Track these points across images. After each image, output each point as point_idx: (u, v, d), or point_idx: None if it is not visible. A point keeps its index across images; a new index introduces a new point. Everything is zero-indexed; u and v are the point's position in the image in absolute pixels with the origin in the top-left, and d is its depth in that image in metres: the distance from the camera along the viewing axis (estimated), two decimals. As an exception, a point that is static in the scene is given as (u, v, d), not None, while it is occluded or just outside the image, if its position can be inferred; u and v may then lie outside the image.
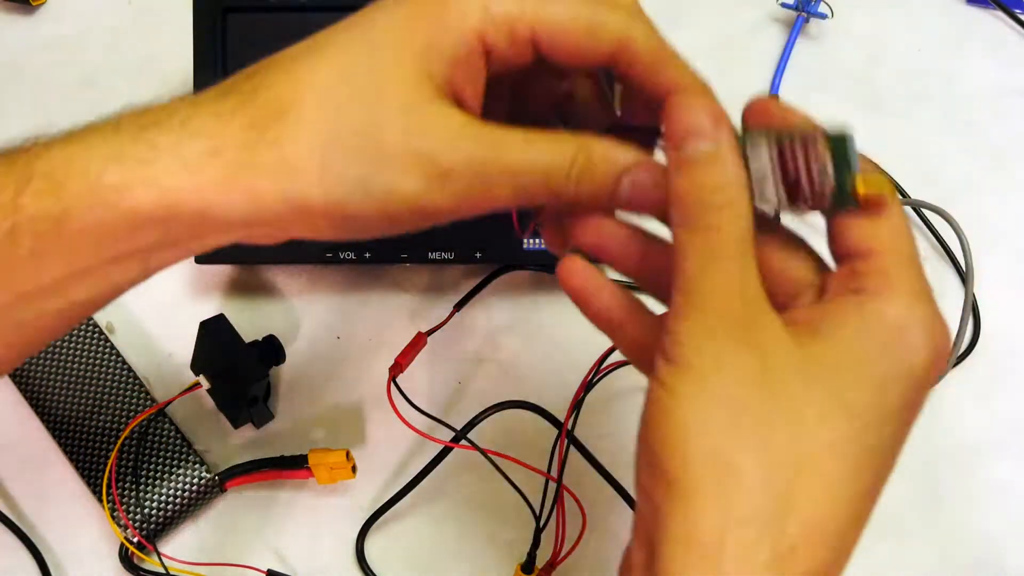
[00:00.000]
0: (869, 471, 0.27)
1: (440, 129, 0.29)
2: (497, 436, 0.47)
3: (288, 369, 0.52)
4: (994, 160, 0.59)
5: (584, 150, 0.31)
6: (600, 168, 0.31)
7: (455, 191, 0.29)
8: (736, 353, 0.27)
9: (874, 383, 0.27)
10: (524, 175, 0.30)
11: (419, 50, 0.29)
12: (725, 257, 0.28)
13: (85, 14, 0.64)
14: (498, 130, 0.30)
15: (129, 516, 0.47)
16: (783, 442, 0.26)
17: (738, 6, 0.64)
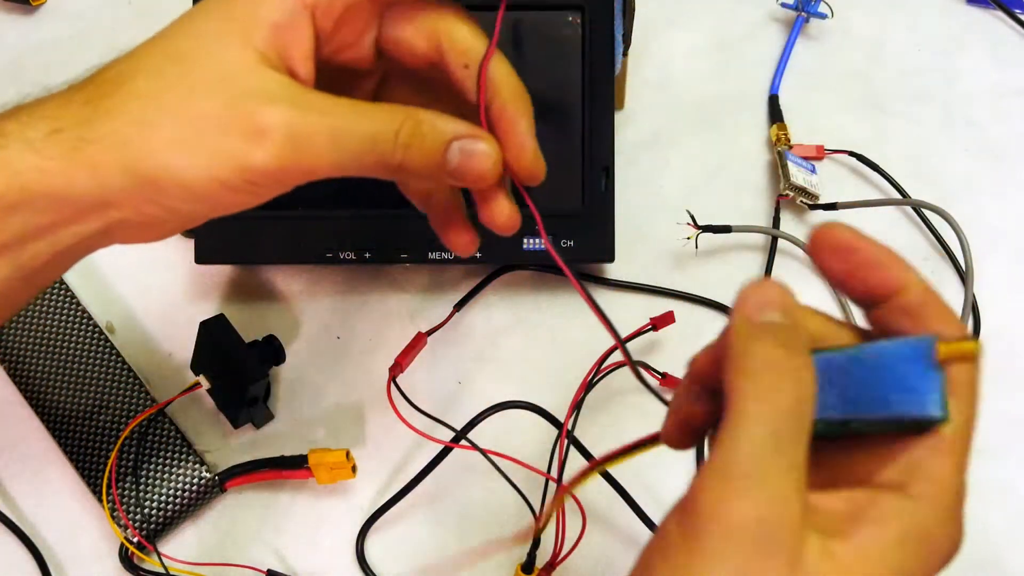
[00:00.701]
0: None
1: (258, 91, 0.30)
2: (497, 436, 0.47)
3: (288, 369, 0.52)
4: (994, 160, 0.59)
5: (412, 117, 0.31)
6: (429, 136, 0.31)
7: (275, 151, 0.30)
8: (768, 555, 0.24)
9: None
10: (348, 139, 0.31)
11: (240, 21, 0.31)
12: (790, 444, 0.25)
13: (85, 14, 0.64)
14: (326, 97, 0.31)
15: (129, 516, 0.47)
16: None
17: (738, 6, 0.64)
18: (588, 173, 0.50)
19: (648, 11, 0.60)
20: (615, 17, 0.51)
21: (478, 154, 0.32)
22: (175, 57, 0.31)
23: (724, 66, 0.62)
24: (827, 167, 0.58)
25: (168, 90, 0.30)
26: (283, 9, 0.31)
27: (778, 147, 0.58)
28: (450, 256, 0.50)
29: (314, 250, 0.50)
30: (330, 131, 0.30)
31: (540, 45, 0.50)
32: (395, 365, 0.48)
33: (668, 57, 0.62)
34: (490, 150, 0.33)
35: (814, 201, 0.56)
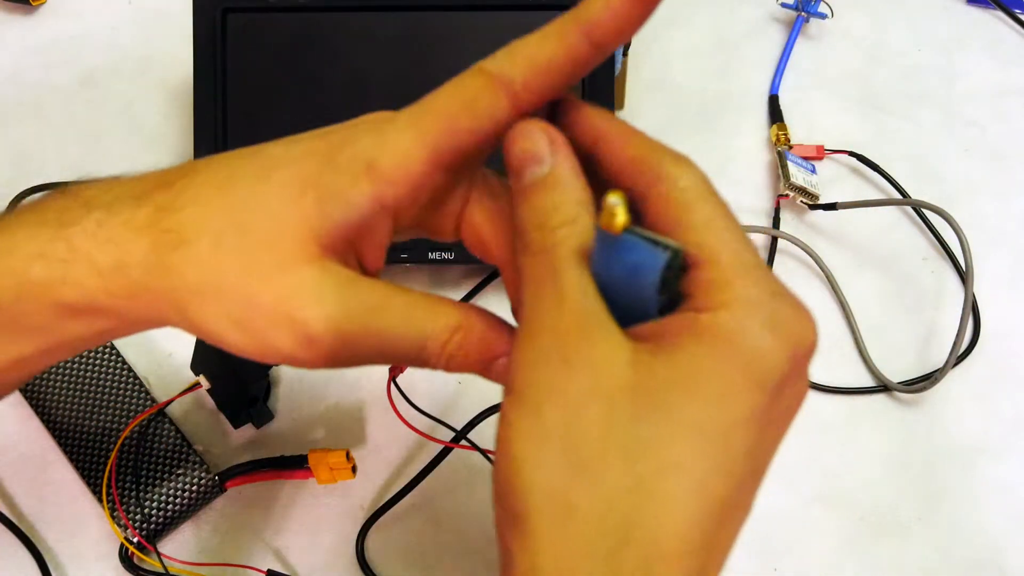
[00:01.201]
0: (722, 483, 0.26)
1: (312, 298, 0.29)
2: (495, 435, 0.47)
3: (288, 369, 0.52)
4: (994, 160, 0.59)
5: (464, 327, 0.31)
6: (476, 349, 0.31)
7: (323, 354, 0.30)
8: (568, 378, 0.26)
9: (713, 396, 0.26)
10: (396, 344, 0.30)
11: (307, 211, 0.30)
12: (558, 275, 0.27)
13: (85, 14, 0.64)
14: (379, 294, 0.30)
15: (129, 516, 0.47)
16: (618, 469, 0.25)
17: (738, 6, 0.64)
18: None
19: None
20: (615, 17, 0.51)
21: None
22: (241, 230, 0.30)
23: (724, 66, 0.62)
24: (827, 167, 0.58)
25: (226, 266, 0.30)
26: (353, 211, 0.30)
27: (778, 147, 0.58)
28: (450, 256, 0.50)
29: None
30: (379, 337, 0.30)
31: (540, 45, 0.50)
32: (395, 365, 0.48)
33: (668, 57, 0.62)
34: None
35: (814, 201, 0.56)
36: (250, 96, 0.51)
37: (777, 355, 0.26)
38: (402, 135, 0.30)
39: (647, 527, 0.25)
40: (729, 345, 0.26)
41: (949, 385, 0.51)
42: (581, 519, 0.25)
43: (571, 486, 0.25)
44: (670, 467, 0.25)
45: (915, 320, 0.54)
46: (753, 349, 0.26)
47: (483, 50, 0.52)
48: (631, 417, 0.26)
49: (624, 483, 0.25)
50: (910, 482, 0.49)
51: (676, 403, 0.26)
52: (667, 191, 0.28)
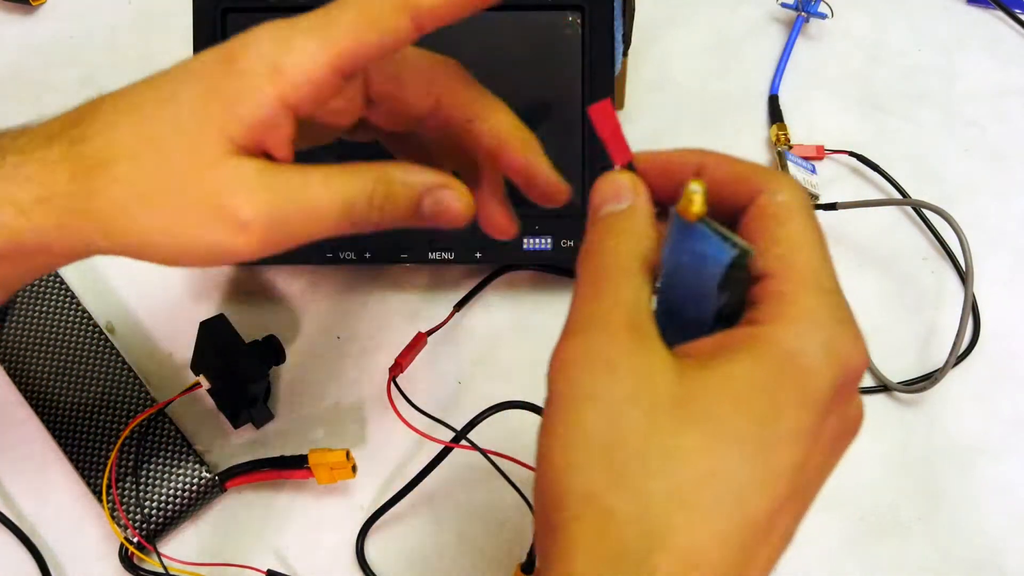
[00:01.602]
0: (763, 498, 0.25)
1: (237, 185, 0.32)
2: (497, 436, 0.47)
3: (288, 369, 0.52)
4: (994, 160, 0.59)
5: (383, 179, 0.33)
6: (401, 193, 0.34)
7: (257, 238, 0.32)
8: (612, 383, 0.26)
9: (760, 409, 0.26)
10: (325, 214, 0.33)
11: (217, 116, 0.32)
12: (614, 278, 0.28)
13: (85, 14, 0.64)
14: (297, 173, 0.33)
15: (129, 516, 0.47)
16: (657, 476, 0.25)
17: (738, 6, 0.64)
18: (588, 173, 0.50)
19: (648, 11, 0.60)
20: (615, 17, 0.51)
21: (448, 201, 0.34)
22: (155, 144, 0.32)
23: (724, 66, 0.62)
24: (827, 167, 0.59)
25: (148, 179, 0.32)
26: (261, 110, 0.32)
27: (778, 147, 0.58)
28: (450, 256, 0.50)
29: (314, 250, 0.50)
30: (306, 211, 0.32)
31: (540, 45, 0.50)
32: (395, 365, 0.48)
33: (668, 57, 0.62)
34: (459, 194, 0.34)
35: (814, 201, 0.56)
36: (250, 96, 0.51)
37: (829, 376, 0.26)
38: (308, 42, 0.32)
39: (683, 535, 0.25)
40: (784, 359, 0.26)
41: (949, 385, 0.51)
42: (617, 524, 0.25)
43: (609, 491, 0.25)
44: (709, 477, 0.25)
45: (915, 320, 0.54)
46: (808, 367, 0.26)
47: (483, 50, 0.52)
48: (674, 424, 0.26)
49: (662, 490, 0.25)
50: (910, 482, 0.49)
51: (721, 413, 0.26)
52: (765, 203, 0.28)
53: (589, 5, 0.50)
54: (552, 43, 0.50)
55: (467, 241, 0.50)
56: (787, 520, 0.26)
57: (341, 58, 0.32)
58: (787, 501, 0.26)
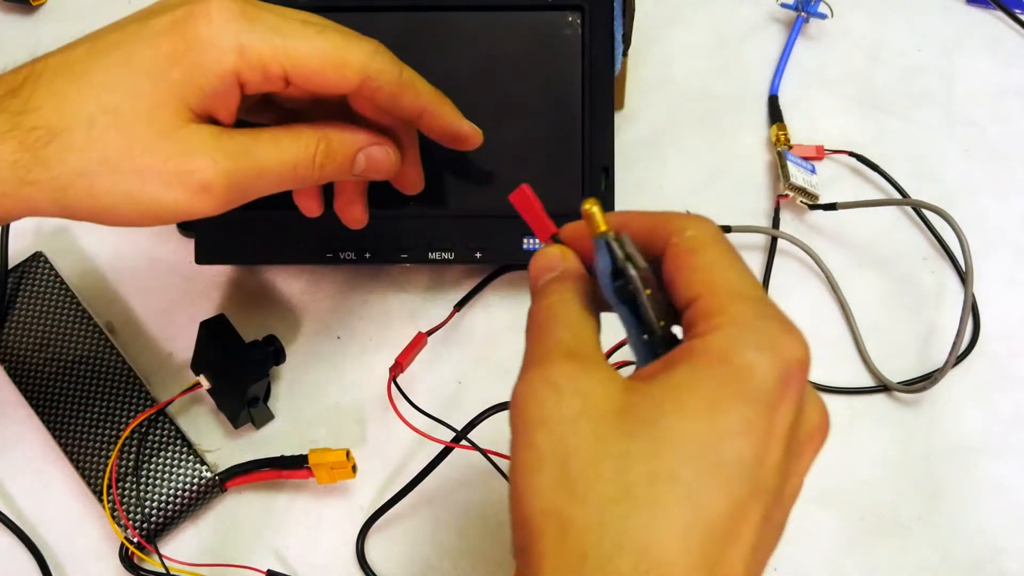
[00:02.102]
0: (717, 495, 0.26)
1: (197, 150, 0.34)
2: (497, 436, 0.47)
3: (288, 369, 0.52)
4: (994, 160, 0.59)
5: (324, 139, 0.37)
6: (339, 152, 0.37)
7: (216, 197, 0.35)
8: (557, 404, 0.28)
9: (702, 408, 0.26)
10: (274, 172, 0.36)
11: (176, 88, 0.34)
12: (551, 324, 0.30)
13: (85, 14, 0.64)
14: (248, 137, 0.35)
15: (129, 516, 0.47)
16: (607, 481, 0.26)
17: (738, 6, 0.64)
18: (588, 173, 0.50)
19: (648, 11, 0.60)
20: (615, 17, 0.51)
21: (378, 156, 0.39)
22: (111, 111, 0.34)
23: (724, 66, 0.62)
24: (827, 167, 0.58)
25: (108, 144, 0.33)
26: (221, 82, 0.34)
27: (778, 147, 0.58)
28: (450, 256, 0.50)
29: (314, 250, 0.50)
30: (259, 171, 0.35)
31: (540, 45, 0.50)
32: (395, 365, 0.48)
33: (668, 57, 0.62)
34: (388, 149, 0.39)
35: (814, 201, 0.56)
36: (250, 96, 0.51)
37: (765, 369, 0.27)
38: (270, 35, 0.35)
39: (638, 535, 0.25)
40: (718, 362, 0.27)
41: (949, 385, 0.51)
42: (576, 533, 0.26)
43: (565, 503, 0.26)
44: (659, 477, 0.26)
45: (915, 320, 0.54)
46: (741, 364, 0.27)
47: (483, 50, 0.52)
48: (621, 433, 0.27)
49: (613, 493, 0.26)
50: (910, 482, 0.49)
51: (666, 417, 0.27)
52: (677, 241, 0.30)
53: (589, 5, 0.50)
54: (552, 43, 0.50)
55: (467, 241, 0.50)
56: (754, 519, 0.26)
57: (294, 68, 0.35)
58: (749, 499, 0.26)
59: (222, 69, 0.34)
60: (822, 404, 0.30)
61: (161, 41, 0.34)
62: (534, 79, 0.51)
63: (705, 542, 0.25)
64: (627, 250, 0.29)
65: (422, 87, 0.39)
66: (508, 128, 0.50)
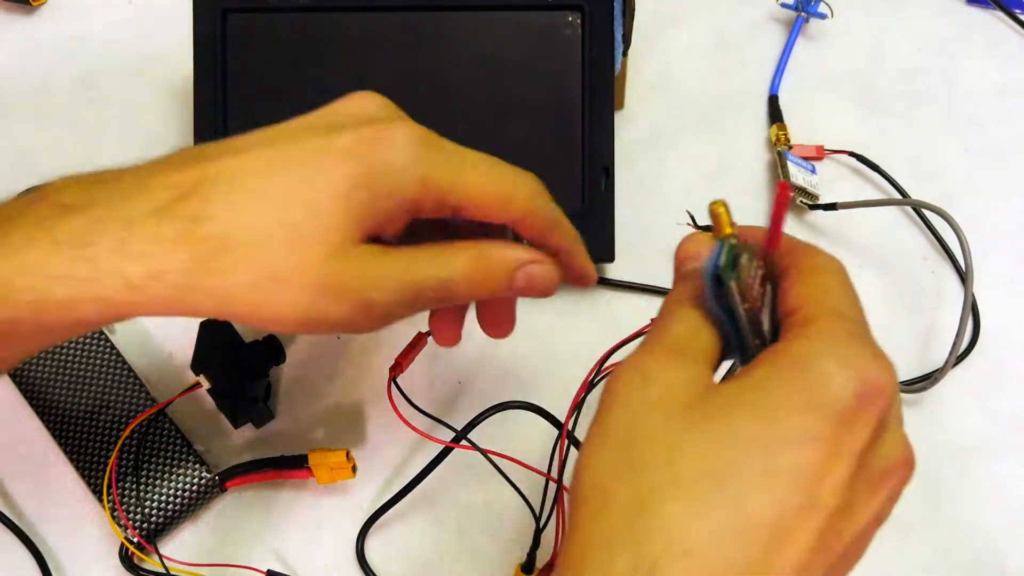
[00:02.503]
0: (764, 500, 0.26)
1: (366, 271, 0.34)
2: (497, 436, 0.47)
3: (288, 369, 0.52)
4: (994, 160, 0.59)
5: (482, 256, 0.36)
6: (498, 269, 0.36)
7: (377, 316, 0.35)
8: (642, 391, 0.29)
9: (767, 410, 0.27)
10: (433, 289, 0.35)
11: (355, 208, 0.34)
12: (670, 314, 0.31)
13: (85, 14, 0.64)
14: (408, 256, 0.35)
15: (129, 516, 0.47)
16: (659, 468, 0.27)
17: (738, 6, 0.64)
18: (588, 173, 0.50)
19: (648, 11, 0.60)
20: (615, 17, 0.51)
21: (539, 274, 0.37)
22: (289, 229, 0.33)
23: (724, 66, 0.62)
24: (827, 167, 0.59)
25: (280, 260, 0.33)
26: (397, 208, 0.34)
27: (778, 147, 0.58)
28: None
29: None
30: (419, 291, 0.35)
31: (540, 45, 0.51)
32: (395, 365, 0.48)
33: (668, 57, 0.62)
34: (548, 268, 0.38)
35: (814, 201, 0.56)
36: (250, 96, 0.51)
37: (843, 384, 0.27)
38: (448, 172, 0.35)
39: (673, 522, 0.26)
40: (796, 367, 0.27)
41: (949, 385, 0.51)
42: (614, 509, 0.27)
43: (613, 480, 0.27)
44: (708, 471, 0.26)
45: (915, 320, 0.54)
46: (820, 373, 0.27)
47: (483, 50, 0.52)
48: (686, 424, 0.27)
49: (660, 480, 0.27)
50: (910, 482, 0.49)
51: (731, 414, 0.27)
52: (802, 261, 0.32)
53: (589, 5, 0.50)
54: (552, 43, 0.50)
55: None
56: (807, 535, 0.26)
57: (467, 200, 0.35)
58: (802, 512, 0.26)
59: (404, 197, 0.34)
60: (907, 442, 0.29)
61: (347, 163, 0.34)
62: (534, 79, 0.51)
63: (744, 544, 0.25)
64: (740, 260, 0.29)
65: (568, 227, 0.39)
66: (508, 128, 0.50)
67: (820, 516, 0.26)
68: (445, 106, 0.51)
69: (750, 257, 0.30)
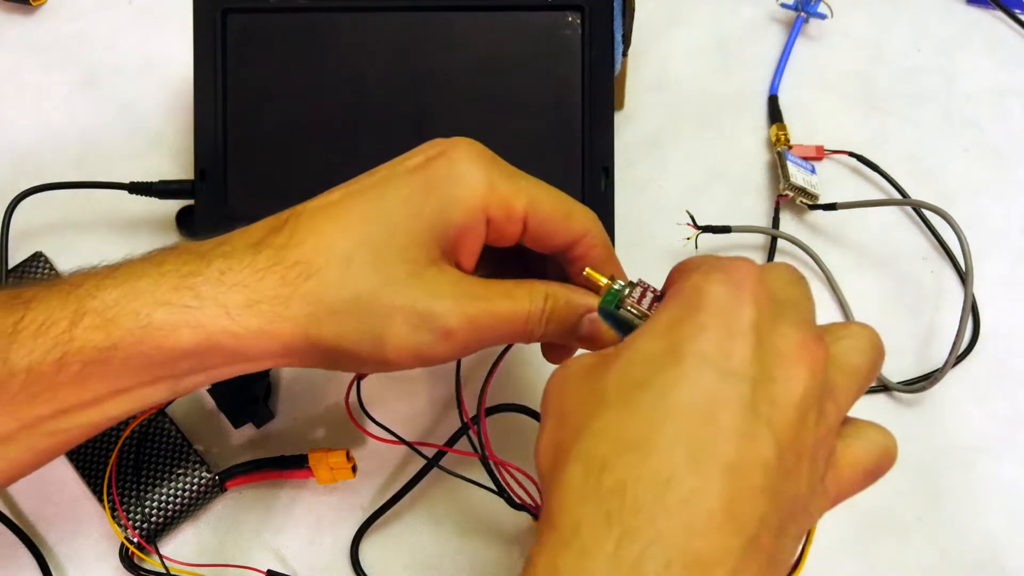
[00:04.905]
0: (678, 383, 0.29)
1: (444, 294, 0.35)
2: (495, 438, 0.47)
3: (288, 369, 0.52)
4: (994, 160, 0.59)
5: (552, 297, 0.37)
6: (564, 312, 0.38)
7: (456, 343, 0.36)
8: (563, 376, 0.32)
9: (659, 331, 0.30)
10: (507, 323, 0.36)
11: (429, 221, 0.35)
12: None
13: (85, 14, 0.64)
14: (483, 286, 0.36)
15: (129, 516, 0.47)
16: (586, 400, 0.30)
17: (738, 6, 0.64)
18: (588, 173, 0.50)
19: (648, 11, 0.60)
20: (615, 17, 0.51)
21: (603, 327, 0.38)
22: (368, 246, 0.35)
23: (724, 66, 0.62)
24: (827, 167, 0.59)
25: (362, 282, 0.34)
26: (468, 215, 0.36)
27: (778, 147, 0.58)
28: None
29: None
30: (495, 322, 0.36)
31: (540, 45, 0.50)
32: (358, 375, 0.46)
33: (668, 57, 0.62)
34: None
35: (814, 201, 0.56)
36: (250, 96, 0.51)
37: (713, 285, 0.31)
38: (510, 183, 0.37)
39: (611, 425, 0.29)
40: (671, 298, 0.32)
41: (949, 385, 0.51)
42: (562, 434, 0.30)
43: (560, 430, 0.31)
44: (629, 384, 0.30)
45: (915, 320, 0.54)
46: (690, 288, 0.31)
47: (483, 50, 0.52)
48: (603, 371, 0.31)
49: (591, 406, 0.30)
50: (910, 482, 0.49)
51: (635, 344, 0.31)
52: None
53: (589, 5, 0.50)
54: (552, 43, 0.50)
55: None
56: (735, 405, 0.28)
57: (533, 209, 0.37)
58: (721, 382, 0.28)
59: (473, 202, 0.35)
60: (803, 326, 0.31)
61: (414, 178, 0.35)
62: (534, 79, 0.51)
63: (678, 424, 0.28)
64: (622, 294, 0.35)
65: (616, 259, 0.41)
66: (508, 128, 0.50)
67: (742, 385, 0.28)
68: (445, 106, 0.51)
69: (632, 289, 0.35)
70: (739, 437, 0.27)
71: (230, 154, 0.51)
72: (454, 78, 0.51)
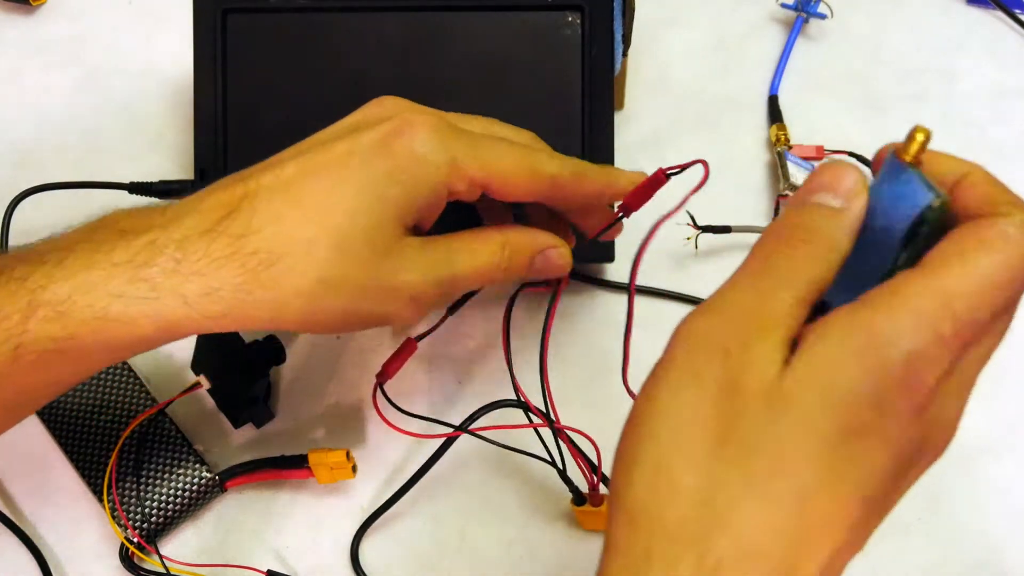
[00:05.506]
0: (823, 495, 0.26)
1: (409, 265, 0.36)
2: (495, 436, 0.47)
3: (288, 369, 0.52)
4: (994, 160, 0.59)
5: (508, 244, 0.38)
6: (522, 254, 0.39)
7: (423, 306, 0.37)
8: (720, 368, 0.27)
9: (833, 398, 0.26)
10: (470, 278, 0.38)
11: (393, 202, 0.35)
12: (776, 289, 0.28)
13: (85, 14, 0.64)
14: (445, 246, 0.37)
15: (129, 516, 0.47)
16: (730, 462, 0.26)
17: (738, 6, 0.64)
18: (588, 173, 0.50)
19: (648, 11, 0.60)
20: (615, 17, 0.51)
21: (554, 258, 0.40)
22: (333, 233, 0.34)
23: (724, 66, 0.62)
24: (827, 167, 0.58)
25: (327, 265, 0.34)
26: (432, 195, 0.36)
27: (778, 147, 0.58)
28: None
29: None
30: (457, 278, 0.37)
31: (540, 45, 0.50)
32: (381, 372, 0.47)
33: (668, 57, 0.62)
34: (563, 251, 0.40)
35: (814, 201, 0.56)
36: (250, 96, 0.51)
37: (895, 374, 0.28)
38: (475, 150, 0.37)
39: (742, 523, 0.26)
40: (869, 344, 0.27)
41: (949, 385, 0.51)
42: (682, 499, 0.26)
43: (680, 462, 0.27)
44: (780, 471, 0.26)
45: (915, 320, 0.54)
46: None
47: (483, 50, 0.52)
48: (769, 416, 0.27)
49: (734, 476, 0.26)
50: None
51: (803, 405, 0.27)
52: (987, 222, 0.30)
53: (589, 5, 0.50)
54: (552, 43, 0.50)
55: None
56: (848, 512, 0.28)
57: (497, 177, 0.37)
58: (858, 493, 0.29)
59: (437, 183, 0.36)
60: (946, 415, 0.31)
61: (375, 161, 0.35)
62: (534, 79, 0.51)
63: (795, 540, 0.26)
64: (942, 194, 0.27)
65: (591, 168, 0.40)
66: (508, 128, 0.50)
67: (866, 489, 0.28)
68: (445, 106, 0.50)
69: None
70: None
71: (230, 154, 0.51)
72: (454, 78, 0.51)
